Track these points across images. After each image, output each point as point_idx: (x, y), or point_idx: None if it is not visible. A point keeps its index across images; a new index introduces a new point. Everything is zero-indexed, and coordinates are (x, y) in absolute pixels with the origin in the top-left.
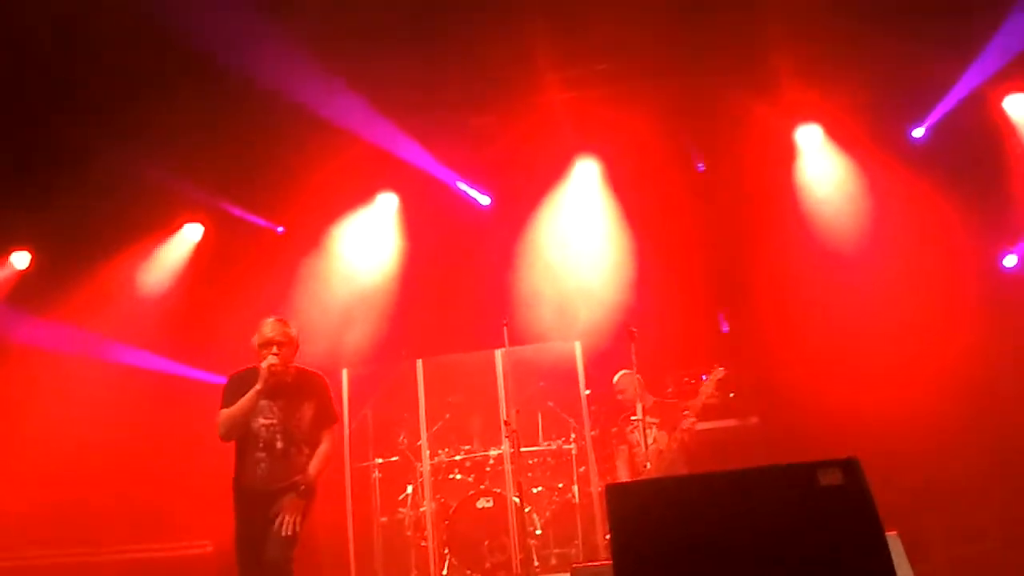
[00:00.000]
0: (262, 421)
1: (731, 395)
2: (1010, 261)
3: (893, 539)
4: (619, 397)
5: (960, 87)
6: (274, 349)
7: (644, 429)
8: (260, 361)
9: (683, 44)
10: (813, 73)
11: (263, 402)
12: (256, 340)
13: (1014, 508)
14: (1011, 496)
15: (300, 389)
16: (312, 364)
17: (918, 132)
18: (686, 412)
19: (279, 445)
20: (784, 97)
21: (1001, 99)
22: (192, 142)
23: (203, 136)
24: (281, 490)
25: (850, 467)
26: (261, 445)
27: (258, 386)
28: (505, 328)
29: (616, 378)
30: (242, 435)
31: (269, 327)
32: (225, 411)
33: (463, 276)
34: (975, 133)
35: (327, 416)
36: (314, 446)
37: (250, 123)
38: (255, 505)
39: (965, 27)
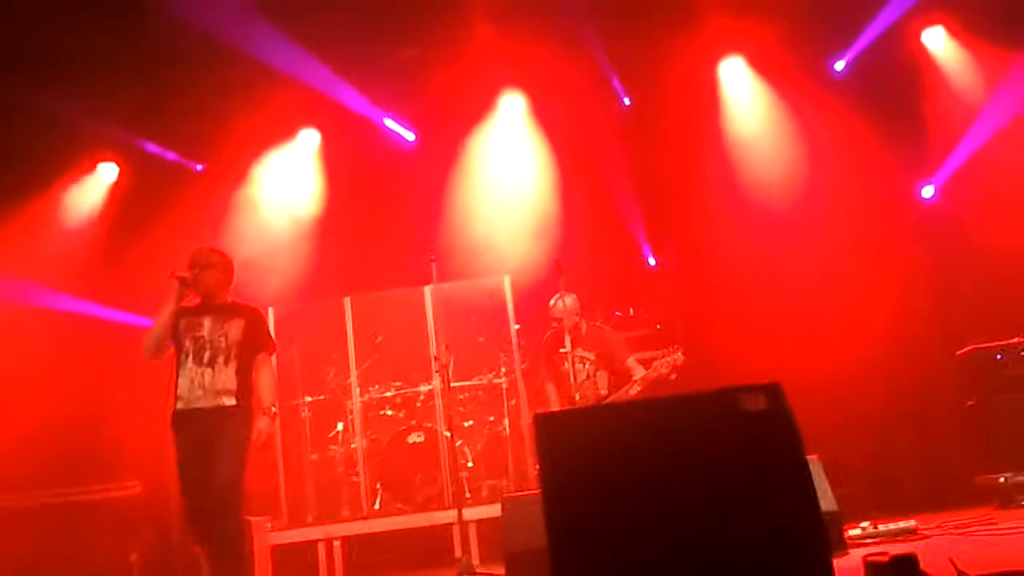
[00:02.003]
0: (192, 334)
1: (657, 326)
2: (927, 192)
3: (813, 462)
4: (555, 324)
5: (879, 20)
6: (193, 272)
7: (573, 363)
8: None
9: None
10: (736, 5)
11: (194, 319)
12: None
13: (929, 437)
14: (926, 426)
15: (231, 309)
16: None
17: (839, 65)
18: (634, 380)
19: (206, 355)
20: (707, 29)
21: (919, 32)
22: (103, 78)
23: (115, 72)
24: (212, 410)
25: (773, 392)
26: (191, 358)
27: (171, 300)
28: (433, 264)
29: (553, 302)
30: (176, 352)
31: (195, 253)
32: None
33: (390, 213)
34: (895, 66)
35: (261, 339)
36: (242, 364)
37: (165, 57)
38: (188, 420)
39: None
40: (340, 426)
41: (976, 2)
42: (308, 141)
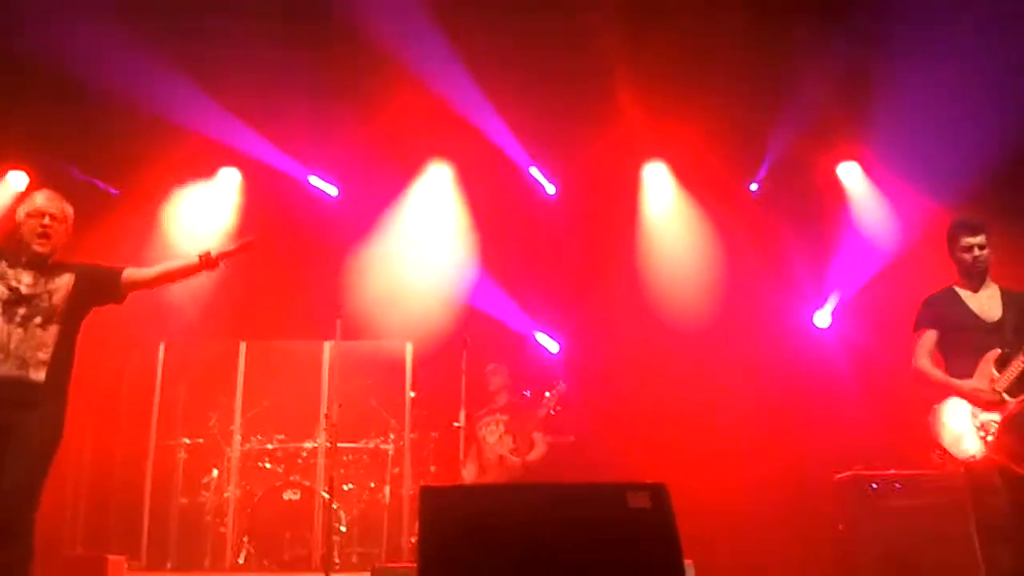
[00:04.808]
0: (7, 282)
1: (551, 412)
2: (823, 317)
3: (688, 567)
4: (492, 388)
5: (797, 145)
6: (46, 220)
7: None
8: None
9: (535, 68)
10: (659, 109)
11: (12, 266)
12: (24, 209)
13: (800, 555)
14: (799, 544)
15: (56, 266)
16: (131, 332)
17: (753, 186)
18: (535, 435)
19: (20, 312)
20: (632, 130)
21: (835, 163)
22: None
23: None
24: (12, 380)
25: (658, 492)
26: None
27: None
28: (339, 321)
29: (491, 368)
30: None
31: (43, 196)
32: None
33: (301, 263)
34: (807, 191)
35: (109, 272)
36: (66, 329)
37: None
38: None
39: (795, 94)
40: (215, 473)
41: (894, 142)
42: (228, 180)
